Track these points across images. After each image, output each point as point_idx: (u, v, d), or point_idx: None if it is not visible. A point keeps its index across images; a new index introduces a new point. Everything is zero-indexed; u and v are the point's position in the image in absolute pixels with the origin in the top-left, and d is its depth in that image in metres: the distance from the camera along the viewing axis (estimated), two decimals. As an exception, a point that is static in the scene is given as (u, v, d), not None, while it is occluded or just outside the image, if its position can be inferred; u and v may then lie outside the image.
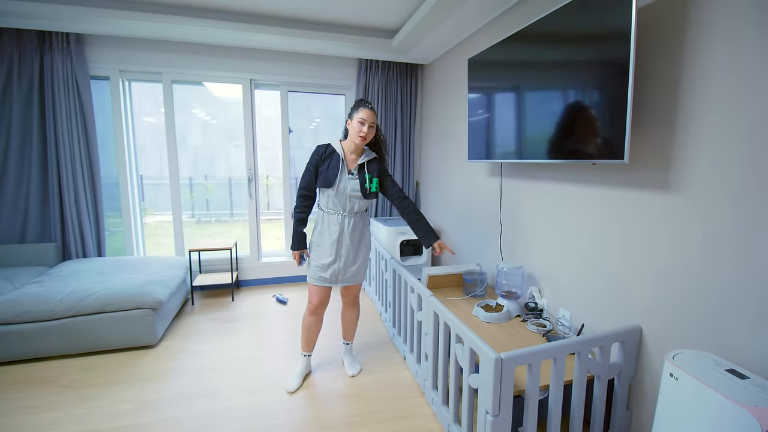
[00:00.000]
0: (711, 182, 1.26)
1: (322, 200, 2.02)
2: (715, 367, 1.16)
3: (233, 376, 2.17)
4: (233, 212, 9.67)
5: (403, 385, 2.10)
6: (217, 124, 9.11)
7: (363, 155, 2.02)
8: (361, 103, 1.95)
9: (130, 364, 2.29)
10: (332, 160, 1.97)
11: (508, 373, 1.31)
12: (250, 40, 3.11)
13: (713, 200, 1.26)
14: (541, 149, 1.85)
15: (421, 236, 2.06)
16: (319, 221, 2.04)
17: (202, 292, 3.52)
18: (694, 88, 1.30)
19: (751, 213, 1.16)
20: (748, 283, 1.17)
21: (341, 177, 1.95)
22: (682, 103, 1.34)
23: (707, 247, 1.29)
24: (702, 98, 1.27)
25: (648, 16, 1.42)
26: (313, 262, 2.02)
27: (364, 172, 2.00)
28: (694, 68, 1.29)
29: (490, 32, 2.51)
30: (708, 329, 1.30)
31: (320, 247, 2.01)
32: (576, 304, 1.88)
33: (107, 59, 3.12)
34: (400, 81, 3.66)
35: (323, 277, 2.00)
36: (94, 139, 3.10)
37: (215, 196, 9.54)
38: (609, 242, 1.68)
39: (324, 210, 2.01)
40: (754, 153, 1.14)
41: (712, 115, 1.25)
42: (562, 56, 1.69)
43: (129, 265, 2.93)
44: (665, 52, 1.38)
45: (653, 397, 1.50)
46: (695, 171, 1.31)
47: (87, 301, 2.33)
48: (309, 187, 2.00)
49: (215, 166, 9.46)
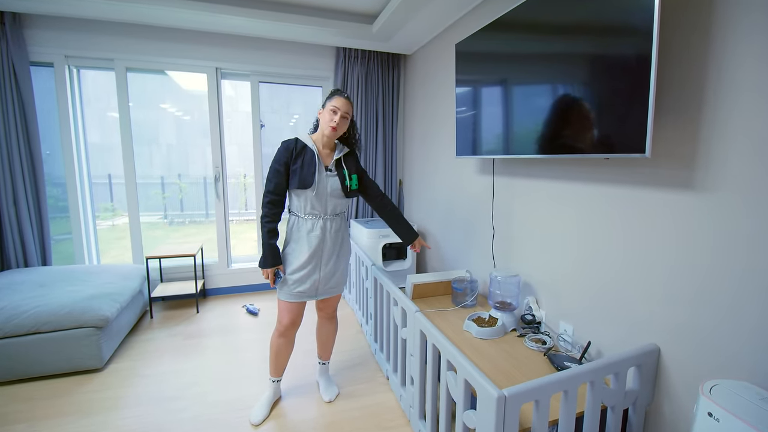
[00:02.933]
0: (747, 179, 1.06)
1: (296, 204, 1.75)
2: (760, 403, 0.96)
3: (189, 407, 1.87)
4: (208, 213, 9.22)
5: (387, 410, 1.86)
6: (191, 120, 8.67)
7: (336, 150, 1.79)
8: (336, 92, 1.73)
9: (69, 393, 1.97)
10: (306, 157, 1.70)
11: (513, 413, 1.08)
12: (216, 23, 2.80)
13: (747, 201, 1.06)
14: (543, 143, 1.62)
15: (402, 234, 1.93)
16: (294, 228, 1.76)
17: (163, 304, 3.18)
18: (724, 72, 1.09)
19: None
20: (799, 302, 0.97)
21: (320, 175, 1.70)
22: (709, 91, 1.13)
23: (738, 255, 1.08)
24: (732, 85, 1.07)
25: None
26: (289, 275, 1.74)
27: (343, 169, 1.77)
28: (726, 48, 1.09)
29: (480, 16, 2.28)
30: (741, 351, 1.10)
31: (297, 259, 1.73)
32: (579, 318, 1.67)
33: (51, 43, 2.75)
34: (382, 72, 3.40)
35: (301, 291, 1.75)
36: (36, 134, 2.73)
37: (189, 196, 9.07)
38: (618, 248, 1.47)
39: (299, 215, 1.74)
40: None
41: (744, 104, 1.04)
42: (571, 34, 1.46)
43: (75, 275, 2.58)
44: (691, 32, 1.17)
45: (672, 425, 1.30)
46: (724, 168, 1.10)
47: (18, 320, 1.99)
48: (279, 191, 1.71)
49: (190, 165, 9.00)
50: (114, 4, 2.47)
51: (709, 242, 1.16)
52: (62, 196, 3.04)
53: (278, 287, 1.77)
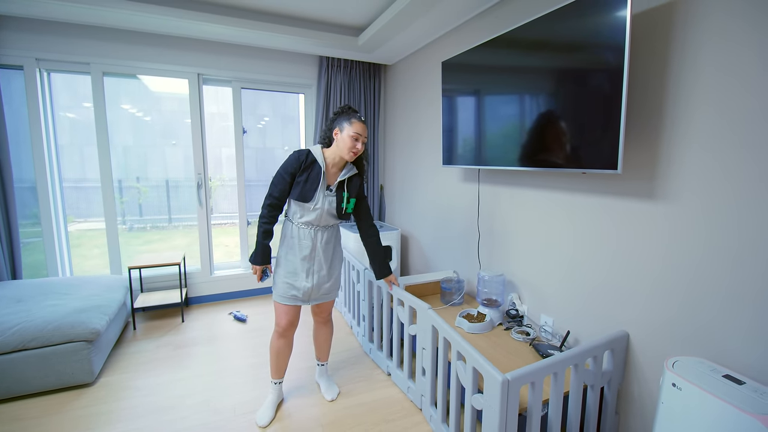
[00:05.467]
0: (698, 192, 1.30)
1: (292, 211, 1.82)
2: (712, 374, 1.18)
3: (192, 415, 1.89)
4: (171, 217, 8.84)
5: (389, 404, 1.98)
6: (150, 120, 8.28)
7: (344, 170, 1.83)
8: (353, 114, 1.76)
9: (64, 409, 1.92)
10: (312, 172, 1.76)
11: (514, 394, 1.25)
12: (199, 30, 2.79)
13: (701, 209, 1.29)
14: (526, 157, 1.82)
15: (376, 267, 1.99)
16: (287, 234, 1.84)
17: (144, 314, 3.11)
18: (682, 98, 1.33)
19: (737, 222, 1.20)
20: (737, 290, 1.21)
21: (320, 193, 1.76)
22: (668, 114, 1.37)
23: (695, 255, 1.32)
24: (689, 109, 1.31)
25: (637, 25, 1.43)
26: (282, 278, 1.82)
27: (343, 190, 1.82)
28: (680, 78, 1.32)
29: (464, 33, 2.47)
30: (697, 335, 1.33)
31: (290, 263, 1.82)
32: (558, 311, 1.89)
33: (20, 45, 2.62)
34: (364, 80, 3.52)
35: (294, 295, 1.82)
36: (4, 139, 2.59)
37: (150, 200, 8.66)
38: (592, 249, 1.70)
39: (294, 222, 1.82)
40: (743, 163, 1.18)
41: (699, 126, 1.28)
42: (549, 62, 1.67)
43: (54, 288, 2.48)
44: (653, 62, 1.41)
45: (640, 401, 1.53)
46: (682, 181, 1.34)
47: (3, 338, 1.91)
48: (281, 197, 1.77)
49: (149, 167, 8.59)
50: (89, 8, 2.39)
51: (667, 243, 1.40)
52: (24, 201, 2.89)
53: (273, 289, 1.85)
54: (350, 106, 1.83)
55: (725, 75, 1.21)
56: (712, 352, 1.29)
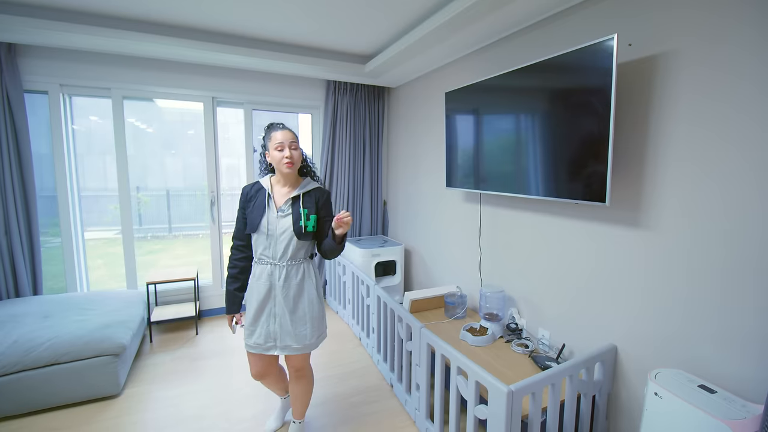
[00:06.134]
0: (676, 222, 1.49)
1: (254, 248, 1.69)
2: (689, 384, 1.36)
3: (212, 426, 2.03)
4: (171, 227, 8.92)
5: (394, 414, 2.13)
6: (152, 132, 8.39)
7: (299, 186, 1.68)
8: (272, 127, 1.66)
9: (91, 421, 2.05)
10: (257, 200, 1.65)
11: (518, 403, 1.42)
12: (213, 58, 2.96)
13: (678, 237, 1.48)
14: (523, 185, 2.01)
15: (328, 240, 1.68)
16: (251, 274, 1.72)
17: (158, 327, 3.23)
18: (662, 137, 1.52)
19: (708, 247, 1.39)
20: (707, 308, 1.40)
21: (268, 217, 1.61)
22: (650, 152, 1.56)
23: (673, 277, 1.51)
24: (668, 148, 1.50)
25: (623, 72, 1.63)
26: (245, 323, 1.70)
27: (299, 207, 1.65)
28: (660, 124, 1.52)
29: (467, 63, 2.66)
30: (674, 347, 1.51)
31: (249, 305, 1.68)
32: (554, 325, 2.07)
33: (45, 72, 2.77)
34: (369, 102, 3.72)
35: (257, 343, 1.65)
36: (29, 161, 2.73)
37: (150, 210, 8.73)
38: (583, 270, 1.88)
39: (255, 260, 1.69)
40: (713, 197, 1.37)
41: (678, 161, 1.47)
42: (544, 102, 1.86)
43: (77, 303, 2.61)
44: (638, 108, 1.60)
45: (628, 407, 1.70)
46: (662, 212, 1.53)
47: (36, 353, 2.04)
48: (239, 236, 1.69)
49: (149, 177, 8.68)
50: (109, 39, 2.54)
51: (648, 265, 1.58)
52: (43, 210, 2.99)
53: None
54: (271, 122, 1.70)
55: (700, 126, 1.40)
56: (689, 364, 1.46)
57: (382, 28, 2.58)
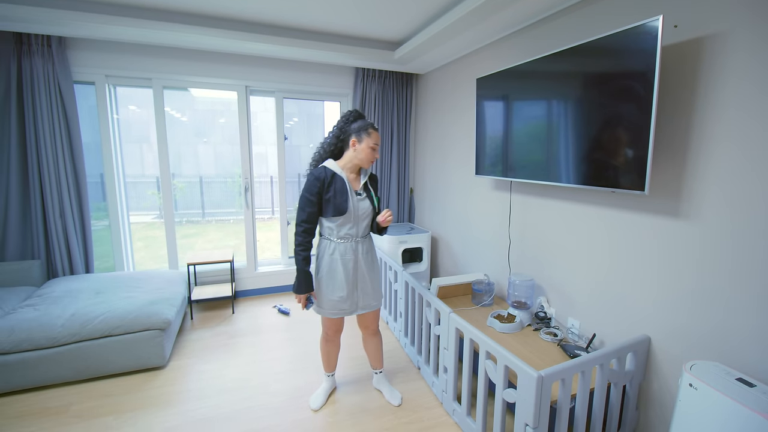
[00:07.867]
0: (718, 213, 1.44)
1: (328, 229, 1.87)
2: (726, 376, 1.34)
3: (253, 396, 2.17)
4: (205, 212, 9.30)
5: (422, 395, 2.19)
6: (186, 120, 8.69)
7: (362, 174, 1.94)
8: (369, 125, 1.85)
9: (141, 389, 2.22)
10: (337, 185, 1.81)
11: (547, 388, 1.44)
12: (247, 47, 3.03)
13: (719, 228, 1.43)
14: (557, 173, 1.98)
15: None
16: (326, 253, 1.88)
17: (198, 305, 3.43)
18: (707, 124, 1.46)
19: (751, 240, 1.34)
20: (748, 302, 1.36)
21: (352, 200, 1.83)
22: (693, 140, 1.50)
23: (712, 269, 1.46)
24: (712, 136, 1.44)
25: (667, 56, 1.56)
26: (327, 296, 1.89)
27: (370, 191, 1.93)
28: (706, 111, 1.45)
29: (499, 48, 2.61)
30: (711, 340, 1.48)
31: (333, 280, 1.88)
32: (584, 314, 2.05)
33: (92, 64, 2.93)
34: (397, 89, 3.71)
35: (342, 308, 1.91)
36: (80, 149, 2.91)
37: (185, 196, 9.12)
38: (617, 260, 1.85)
39: (332, 239, 1.87)
40: (757, 188, 1.32)
41: (723, 150, 1.42)
42: (583, 88, 1.81)
43: (125, 282, 2.80)
44: (679, 92, 1.54)
45: (659, 398, 1.69)
46: (704, 202, 1.48)
47: (92, 325, 2.23)
48: (312, 220, 1.82)
49: (183, 165, 9.05)
50: (153, 31, 2.66)
51: (689, 257, 1.54)
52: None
53: (317, 306, 1.93)
54: (360, 113, 1.91)
55: (747, 114, 1.34)
56: (727, 357, 1.43)
57: (412, 14, 2.56)
